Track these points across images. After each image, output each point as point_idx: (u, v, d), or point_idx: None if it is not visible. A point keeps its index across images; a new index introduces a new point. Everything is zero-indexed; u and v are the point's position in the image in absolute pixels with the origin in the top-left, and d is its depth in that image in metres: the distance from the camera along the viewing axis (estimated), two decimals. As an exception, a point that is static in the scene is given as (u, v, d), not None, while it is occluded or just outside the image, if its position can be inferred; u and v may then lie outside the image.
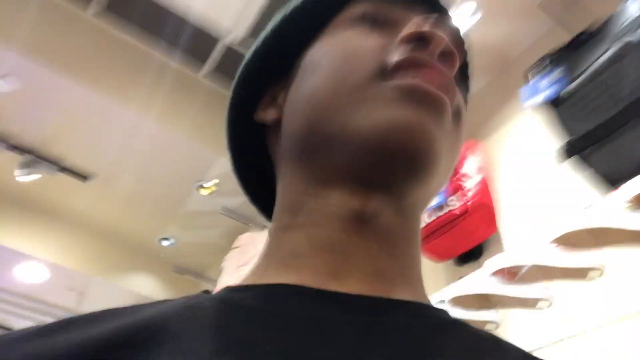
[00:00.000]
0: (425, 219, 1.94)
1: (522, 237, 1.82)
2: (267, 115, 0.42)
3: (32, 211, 3.29)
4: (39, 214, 3.31)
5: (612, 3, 1.51)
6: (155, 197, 3.15)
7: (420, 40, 0.35)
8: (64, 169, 2.95)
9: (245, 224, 2.95)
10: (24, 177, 2.83)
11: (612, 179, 1.34)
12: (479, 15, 2.04)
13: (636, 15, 1.35)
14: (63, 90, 2.48)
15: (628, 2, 1.39)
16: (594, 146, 1.35)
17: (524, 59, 2.04)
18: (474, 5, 2.03)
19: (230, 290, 0.33)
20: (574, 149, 1.40)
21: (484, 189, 1.91)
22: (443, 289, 1.58)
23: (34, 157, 2.83)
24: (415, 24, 0.36)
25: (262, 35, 0.43)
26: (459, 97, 0.38)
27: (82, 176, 3.03)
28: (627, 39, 1.35)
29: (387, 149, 0.33)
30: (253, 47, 0.44)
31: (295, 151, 0.38)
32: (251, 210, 0.49)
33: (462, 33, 0.43)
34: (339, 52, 0.37)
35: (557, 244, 1.24)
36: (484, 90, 2.35)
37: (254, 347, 0.26)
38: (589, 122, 1.39)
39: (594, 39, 1.49)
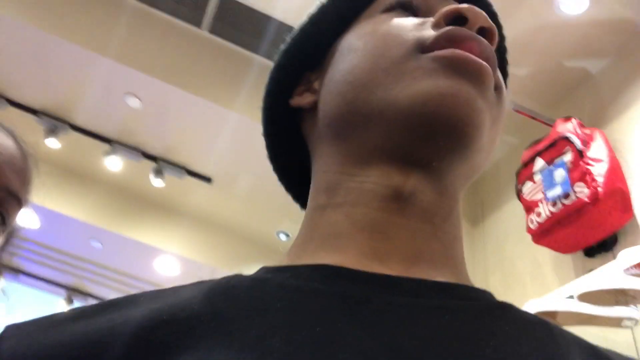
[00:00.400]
0: (550, 208, 1.83)
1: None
2: (304, 99, 0.41)
3: (165, 212, 3.64)
4: (172, 214, 3.64)
5: None
6: (272, 194, 3.31)
7: (458, 17, 0.34)
8: (190, 173, 3.22)
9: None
10: (157, 182, 3.13)
11: None
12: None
13: None
14: (182, 102, 2.70)
15: None
16: None
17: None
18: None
19: (268, 270, 0.32)
20: None
21: (616, 173, 1.75)
22: (571, 282, 1.49)
23: (164, 163, 3.12)
24: (452, 3, 0.36)
25: (300, 23, 0.43)
26: (498, 73, 0.36)
27: (207, 178, 3.28)
28: None
29: (428, 119, 0.32)
30: (290, 36, 0.44)
31: (332, 131, 0.37)
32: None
33: (498, 18, 0.43)
34: (375, 32, 0.37)
35: None
36: (608, 70, 2.14)
37: (298, 330, 0.26)
38: None
39: None
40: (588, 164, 1.75)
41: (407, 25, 0.36)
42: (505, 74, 0.45)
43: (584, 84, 2.23)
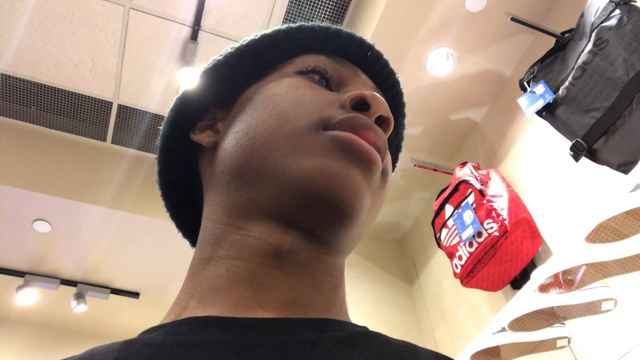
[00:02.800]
0: (468, 249, 1.90)
1: (568, 243, 1.75)
2: (205, 137, 0.42)
3: (93, 337, 3.37)
4: (100, 338, 3.38)
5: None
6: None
7: (362, 102, 0.38)
8: (115, 291, 3.05)
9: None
10: (80, 307, 2.92)
11: (629, 165, 1.31)
12: (452, 61, 2.12)
13: (605, 2, 1.38)
14: (95, 218, 2.63)
15: (594, -7, 1.42)
16: (602, 138, 1.34)
17: (519, 74, 2.07)
18: (445, 50, 2.11)
19: (143, 332, 0.32)
20: (580, 150, 1.39)
21: (517, 204, 1.87)
22: (496, 316, 1.52)
23: (84, 286, 2.94)
24: (360, 88, 0.40)
25: (214, 59, 0.44)
26: (388, 160, 0.40)
27: (134, 293, 3.11)
28: (605, 23, 1.37)
29: (314, 195, 0.33)
30: (203, 68, 0.45)
31: (225, 179, 0.38)
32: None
33: (402, 99, 0.49)
34: (286, 95, 0.39)
35: (594, 238, 1.19)
36: (489, 116, 2.36)
37: None
38: (592, 112, 1.38)
39: (575, 35, 1.52)
40: (490, 201, 1.86)
41: (316, 98, 0.39)
42: (403, 116, 0.51)
43: (473, 131, 2.44)
